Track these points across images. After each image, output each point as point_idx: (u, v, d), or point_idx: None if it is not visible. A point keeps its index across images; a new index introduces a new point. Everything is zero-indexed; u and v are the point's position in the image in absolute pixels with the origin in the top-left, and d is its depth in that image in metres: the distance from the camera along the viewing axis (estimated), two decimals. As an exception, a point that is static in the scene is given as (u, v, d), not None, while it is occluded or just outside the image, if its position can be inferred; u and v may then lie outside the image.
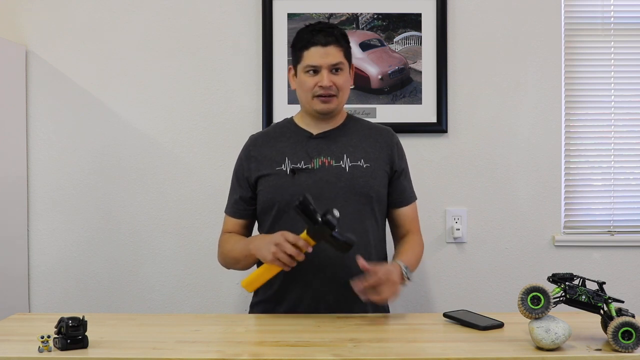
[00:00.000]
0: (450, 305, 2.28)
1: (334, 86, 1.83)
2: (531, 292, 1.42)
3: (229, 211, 1.97)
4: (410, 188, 1.99)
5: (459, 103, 2.48)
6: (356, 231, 1.76)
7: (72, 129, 2.49)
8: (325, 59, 1.82)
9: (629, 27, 2.52)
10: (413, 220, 1.97)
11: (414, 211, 1.97)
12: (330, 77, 1.82)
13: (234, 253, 1.89)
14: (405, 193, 1.95)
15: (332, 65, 1.83)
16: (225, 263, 1.96)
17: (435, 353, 1.42)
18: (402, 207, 1.95)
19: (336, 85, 1.84)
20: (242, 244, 1.86)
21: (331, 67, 1.83)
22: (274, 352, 1.43)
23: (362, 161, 1.88)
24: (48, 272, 2.49)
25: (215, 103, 2.48)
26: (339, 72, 1.84)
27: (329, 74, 1.83)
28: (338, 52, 1.84)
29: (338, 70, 1.84)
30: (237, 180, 1.95)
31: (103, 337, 1.51)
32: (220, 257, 1.97)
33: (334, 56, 1.83)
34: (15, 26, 2.47)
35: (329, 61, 1.82)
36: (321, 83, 1.82)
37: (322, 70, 1.82)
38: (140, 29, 2.48)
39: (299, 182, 1.83)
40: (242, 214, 1.95)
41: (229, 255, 1.92)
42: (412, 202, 1.97)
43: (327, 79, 1.82)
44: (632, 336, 1.39)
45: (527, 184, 2.49)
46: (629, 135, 2.53)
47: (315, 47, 1.82)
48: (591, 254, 2.50)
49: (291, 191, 1.81)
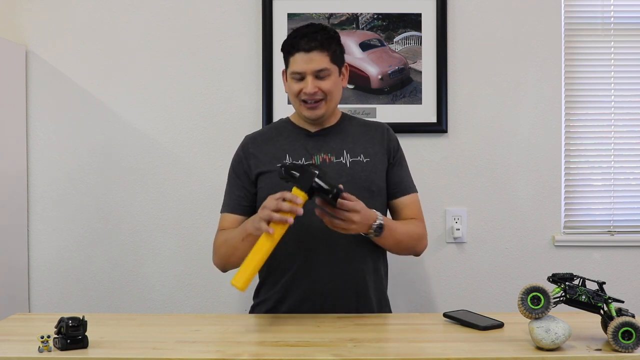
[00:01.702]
0: (450, 305, 2.28)
1: (320, 91, 1.82)
2: (531, 292, 1.42)
3: (228, 208, 1.92)
4: (408, 179, 1.96)
5: (459, 103, 2.48)
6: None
7: (72, 129, 2.49)
8: (309, 65, 1.80)
9: (629, 27, 2.52)
10: (413, 209, 1.93)
11: (413, 202, 1.94)
12: (315, 82, 1.81)
13: (230, 241, 1.82)
14: (402, 184, 1.93)
15: (316, 72, 1.80)
16: (221, 258, 1.88)
17: (435, 353, 1.42)
18: (400, 197, 1.92)
19: (322, 91, 1.82)
20: (237, 230, 1.81)
21: (315, 73, 1.80)
22: (274, 352, 1.43)
23: (362, 156, 1.88)
24: (48, 272, 2.49)
25: (215, 103, 2.48)
26: (325, 78, 1.82)
27: (314, 80, 1.81)
28: (322, 57, 1.80)
29: (324, 76, 1.81)
30: (237, 176, 1.93)
31: (103, 337, 1.51)
32: (216, 255, 1.90)
33: (318, 62, 1.80)
34: (15, 26, 2.47)
35: (313, 67, 1.80)
36: (305, 90, 1.81)
37: (306, 77, 1.80)
38: (140, 29, 2.48)
39: None
40: (243, 209, 1.91)
41: (225, 245, 1.84)
42: (411, 192, 1.94)
43: (312, 86, 1.80)
44: (632, 336, 1.39)
45: (527, 184, 2.49)
46: (629, 135, 2.53)
47: (299, 53, 1.80)
48: (591, 254, 2.50)
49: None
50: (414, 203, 1.94)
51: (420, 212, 1.96)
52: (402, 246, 1.87)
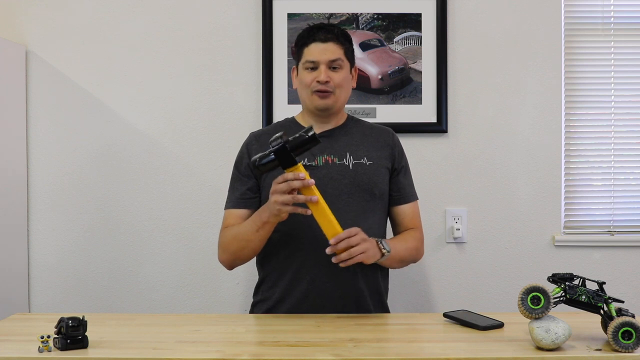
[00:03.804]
0: (450, 305, 2.28)
1: (332, 83, 1.84)
2: (531, 292, 1.42)
3: (233, 204, 1.92)
4: (410, 187, 1.99)
5: (459, 103, 2.48)
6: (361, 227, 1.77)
7: (72, 129, 2.48)
8: (324, 54, 1.84)
9: (629, 27, 2.52)
10: (413, 219, 1.96)
11: (413, 210, 1.97)
12: (328, 73, 1.84)
13: (241, 235, 1.81)
14: (403, 191, 1.95)
15: (330, 62, 1.84)
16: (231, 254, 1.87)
17: (435, 353, 1.42)
18: (401, 204, 1.95)
19: (334, 82, 1.84)
20: (247, 224, 1.81)
21: (329, 64, 1.84)
22: (274, 352, 1.43)
23: (365, 159, 1.89)
24: (48, 272, 2.49)
25: (215, 103, 2.48)
26: (337, 70, 1.85)
27: (327, 70, 1.84)
28: (337, 49, 1.85)
29: (337, 67, 1.85)
30: (240, 173, 1.93)
31: (103, 337, 1.51)
32: (225, 252, 1.88)
33: (333, 52, 1.84)
34: (15, 26, 2.47)
35: (327, 57, 1.84)
36: (318, 78, 1.84)
37: (320, 66, 1.84)
38: (140, 29, 2.48)
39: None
40: (247, 203, 1.90)
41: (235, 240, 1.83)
42: (412, 201, 1.97)
43: (325, 74, 1.83)
44: (632, 336, 1.39)
45: (527, 184, 2.49)
46: (629, 135, 2.53)
47: (314, 43, 1.85)
48: (591, 254, 2.50)
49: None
50: (413, 212, 1.97)
51: (419, 220, 2.00)
52: (404, 262, 1.93)
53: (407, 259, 1.93)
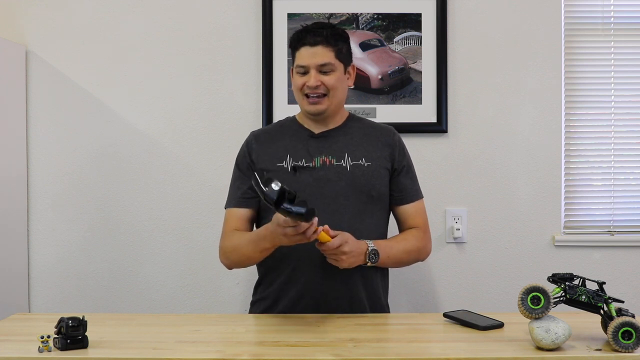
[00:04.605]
0: (450, 305, 2.28)
1: (323, 86, 1.83)
2: (531, 292, 1.42)
3: (234, 203, 1.91)
4: (413, 186, 1.96)
5: (459, 103, 2.48)
6: (357, 229, 1.77)
7: (72, 129, 2.48)
8: (313, 59, 1.82)
9: (629, 27, 2.52)
10: (416, 218, 1.94)
11: (416, 209, 1.94)
12: (318, 77, 1.82)
13: (242, 250, 1.82)
14: (405, 191, 1.93)
15: (319, 66, 1.82)
16: (232, 262, 1.89)
17: (435, 353, 1.42)
18: (403, 204, 1.93)
19: (326, 85, 1.83)
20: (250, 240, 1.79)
21: (319, 68, 1.82)
22: (274, 352, 1.43)
23: (364, 160, 1.88)
24: (48, 272, 2.49)
25: (215, 103, 2.48)
26: (328, 73, 1.83)
27: (317, 74, 1.82)
28: (327, 52, 1.82)
29: (327, 71, 1.83)
30: (241, 171, 1.93)
31: (103, 337, 1.51)
32: (226, 259, 1.90)
33: (322, 56, 1.82)
34: (15, 26, 2.47)
35: (316, 61, 1.82)
36: (308, 83, 1.82)
37: (310, 71, 1.82)
38: (140, 29, 2.48)
39: (300, 180, 1.83)
40: (249, 202, 1.90)
41: (236, 252, 1.84)
42: (416, 200, 1.94)
43: (314, 79, 1.81)
44: (632, 336, 1.39)
45: (527, 184, 2.49)
46: (629, 135, 2.53)
47: (304, 47, 1.83)
48: (591, 254, 2.50)
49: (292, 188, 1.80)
50: (418, 211, 1.95)
51: (425, 219, 1.96)
52: (404, 263, 1.92)
53: (406, 260, 1.91)
